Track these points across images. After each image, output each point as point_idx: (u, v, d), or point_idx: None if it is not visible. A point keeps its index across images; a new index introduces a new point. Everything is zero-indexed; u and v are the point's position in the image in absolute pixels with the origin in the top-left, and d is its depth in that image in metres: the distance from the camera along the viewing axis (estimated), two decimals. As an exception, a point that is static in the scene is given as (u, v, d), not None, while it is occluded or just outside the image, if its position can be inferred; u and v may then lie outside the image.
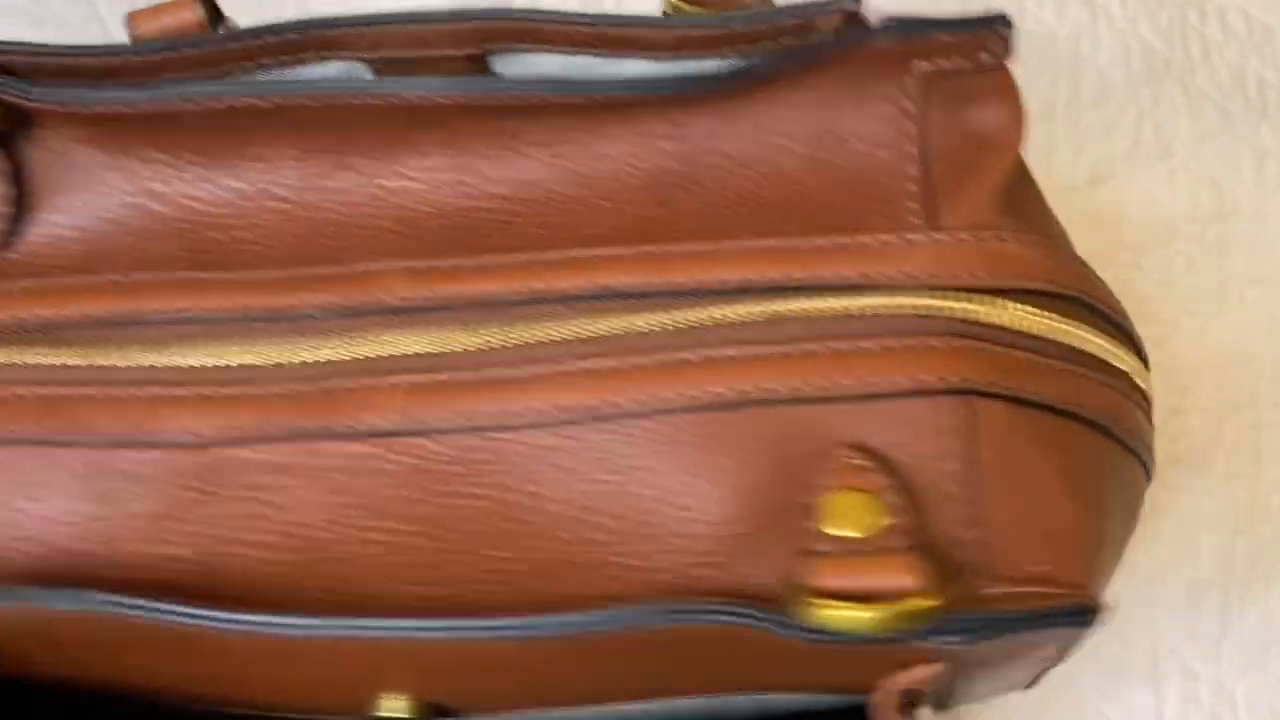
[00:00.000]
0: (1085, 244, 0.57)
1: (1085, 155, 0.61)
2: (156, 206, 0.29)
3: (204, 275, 0.28)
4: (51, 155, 0.29)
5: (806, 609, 0.24)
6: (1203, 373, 0.55)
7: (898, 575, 0.25)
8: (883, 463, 0.26)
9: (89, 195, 0.29)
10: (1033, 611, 0.25)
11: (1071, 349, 0.28)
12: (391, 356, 0.27)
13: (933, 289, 0.27)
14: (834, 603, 0.24)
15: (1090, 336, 0.28)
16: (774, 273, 0.27)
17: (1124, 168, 0.61)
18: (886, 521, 0.25)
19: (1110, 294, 0.30)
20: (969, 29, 0.27)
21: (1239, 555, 0.46)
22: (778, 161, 0.28)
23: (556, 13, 0.30)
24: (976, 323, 0.27)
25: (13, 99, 0.28)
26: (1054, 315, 0.28)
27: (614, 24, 0.29)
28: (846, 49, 0.27)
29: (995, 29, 0.27)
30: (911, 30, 0.27)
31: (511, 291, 0.28)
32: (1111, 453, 0.29)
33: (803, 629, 0.24)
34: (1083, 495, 0.27)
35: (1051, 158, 0.60)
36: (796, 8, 0.29)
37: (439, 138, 0.28)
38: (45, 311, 0.28)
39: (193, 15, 0.31)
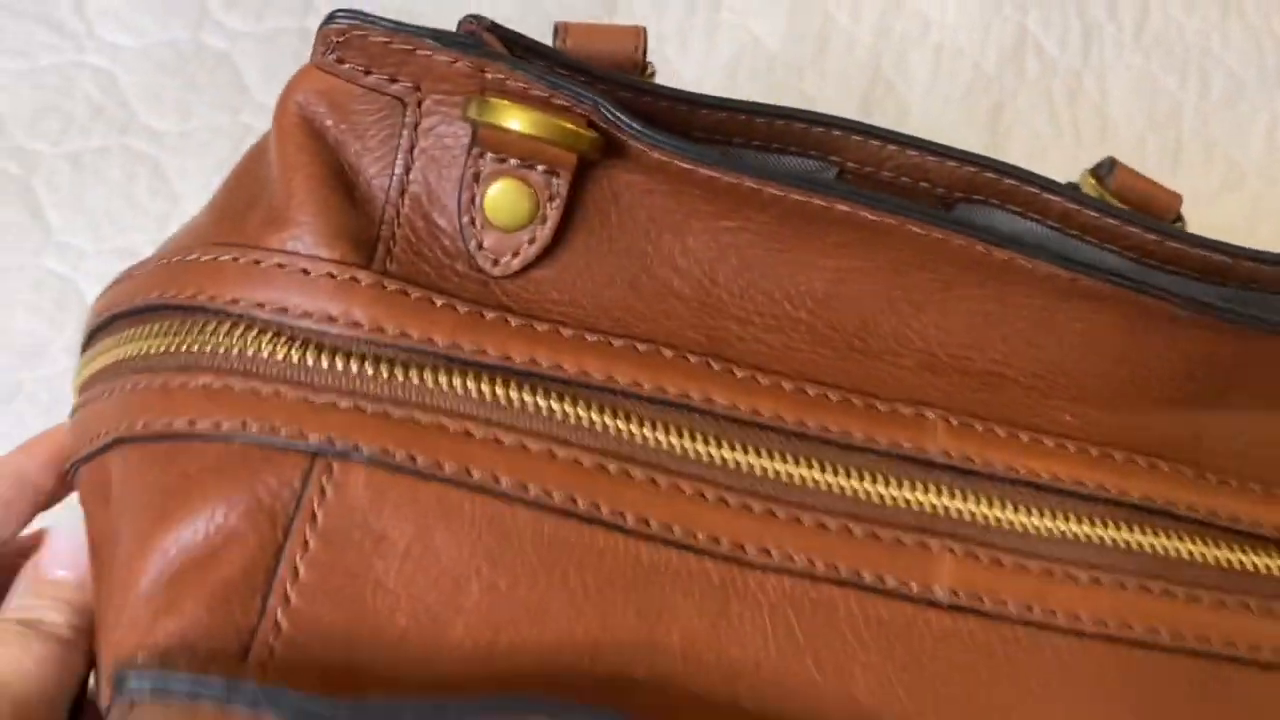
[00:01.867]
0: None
1: (1215, 159, 0.58)
2: (679, 284, 0.27)
3: (731, 367, 0.26)
4: (608, 194, 0.27)
5: None
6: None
7: None
8: None
9: (627, 249, 0.27)
10: None
11: None
12: (943, 516, 0.26)
13: None
14: None
15: None
16: None
17: (1256, 175, 0.58)
18: None
19: None
20: None
21: None
22: None
23: (1064, 188, 0.30)
24: None
25: (618, 132, 0.26)
26: None
27: (1102, 211, 0.30)
28: None
29: None
30: None
31: (1054, 477, 0.27)
32: None
33: None
34: None
35: (1179, 161, 0.57)
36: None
37: (986, 294, 0.27)
38: (569, 365, 0.26)
39: (630, 45, 0.30)
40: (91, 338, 0.28)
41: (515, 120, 0.25)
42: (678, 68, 0.55)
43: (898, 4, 0.58)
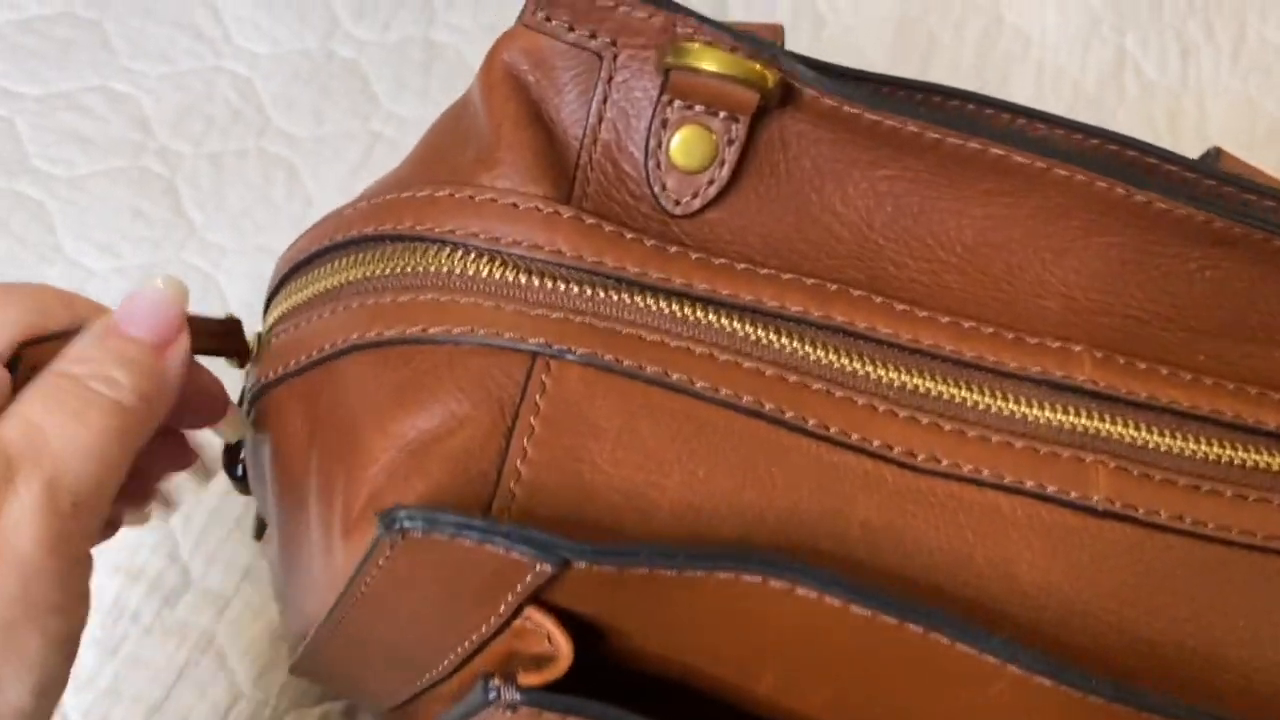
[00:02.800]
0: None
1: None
2: (839, 228, 0.29)
3: (892, 302, 0.29)
4: (778, 142, 0.29)
5: None
6: None
7: None
8: None
9: (794, 193, 0.29)
10: None
11: None
12: (1095, 436, 0.28)
13: None
14: None
15: None
16: None
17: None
18: None
19: None
20: None
21: None
22: None
23: (1184, 159, 0.32)
24: None
25: (793, 79, 0.28)
26: None
27: (1219, 179, 0.32)
28: None
29: None
30: None
31: (1194, 405, 0.29)
32: None
33: None
34: None
35: (1282, 181, 0.58)
36: None
37: (1129, 241, 0.30)
38: (744, 292, 0.28)
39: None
40: (285, 280, 0.31)
41: (707, 61, 0.28)
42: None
43: (998, 23, 0.60)
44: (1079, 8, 0.61)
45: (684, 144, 0.28)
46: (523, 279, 0.28)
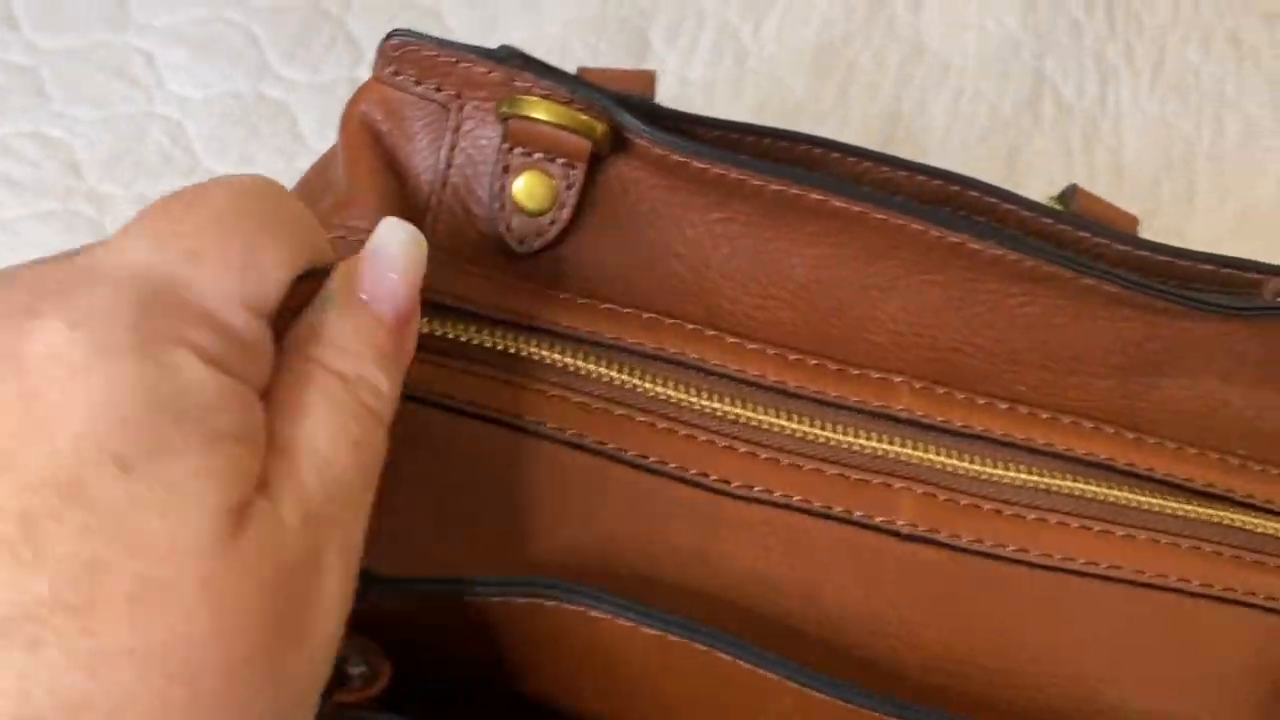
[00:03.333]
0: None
1: (1230, 201, 0.60)
2: (678, 266, 0.32)
3: (724, 335, 0.31)
4: (617, 186, 0.31)
5: None
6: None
7: None
8: None
9: (634, 234, 0.32)
10: None
11: None
12: (905, 462, 0.31)
13: None
14: None
15: None
16: (1236, 486, 0.32)
17: (1271, 217, 0.61)
18: None
19: None
20: None
21: None
22: (1219, 388, 0.33)
23: (1023, 199, 0.35)
24: None
25: (625, 130, 0.31)
26: None
27: (1054, 218, 0.35)
28: None
29: None
30: None
31: (1006, 434, 0.31)
32: None
33: None
34: None
35: (1193, 203, 0.60)
36: (1236, 261, 0.36)
37: (950, 280, 0.32)
38: (583, 326, 0.31)
39: (640, 86, 0.35)
40: None
41: (540, 111, 0.30)
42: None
43: (918, 51, 0.62)
44: (1000, 33, 0.63)
45: (526, 188, 0.30)
46: None
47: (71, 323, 0.20)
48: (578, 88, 0.30)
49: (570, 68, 0.34)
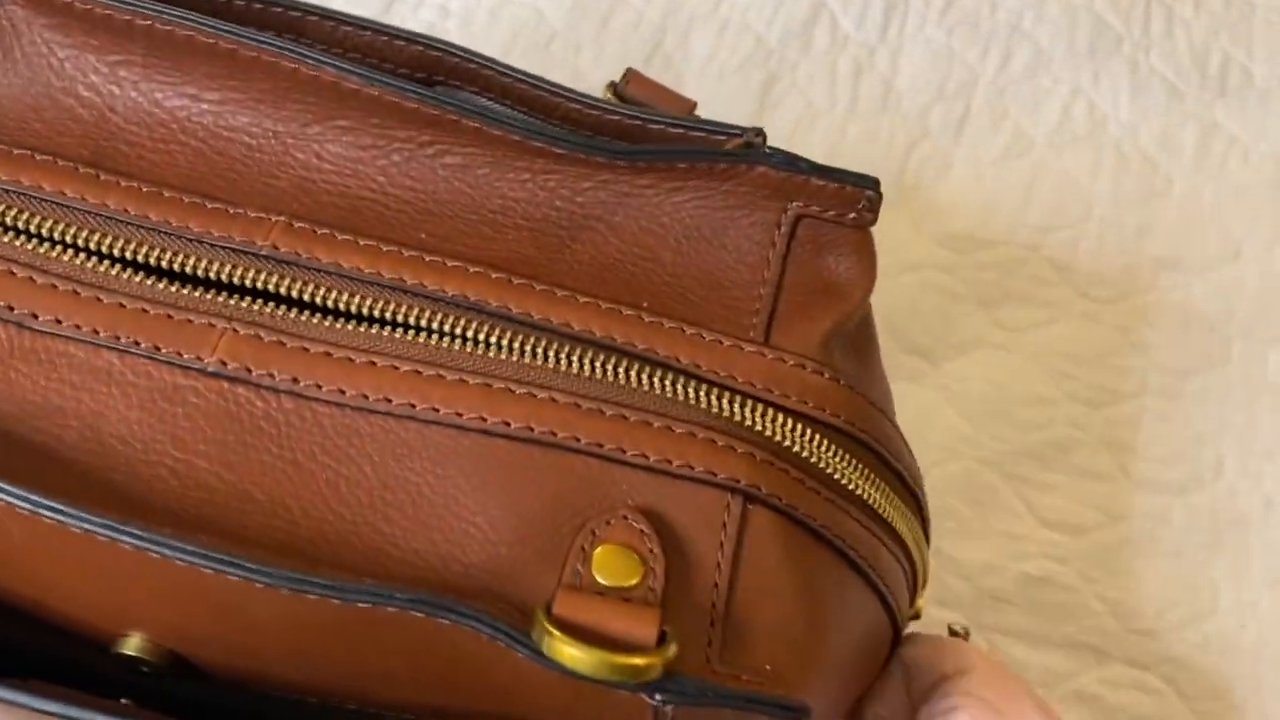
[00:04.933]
0: (987, 221, 0.57)
1: (1003, 128, 0.59)
2: (79, 108, 0.33)
3: (102, 175, 0.32)
4: (8, 28, 0.33)
5: (545, 635, 0.27)
6: (1086, 360, 0.54)
7: (632, 626, 0.28)
8: (658, 532, 0.30)
9: (23, 73, 0.33)
10: (745, 694, 0.28)
11: (851, 492, 0.33)
12: (245, 302, 0.31)
13: (748, 396, 0.32)
14: (568, 637, 0.27)
15: (873, 490, 0.33)
16: (618, 334, 0.32)
17: (1045, 144, 0.60)
18: (642, 579, 0.29)
19: (914, 465, 0.36)
20: (843, 181, 0.33)
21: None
22: (651, 245, 0.34)
23: (500, 63, 0.36)
24: (776, 439, 0.32)
25: None
26: (846, 455, 0.33)
27: (551, 91, 0.36)
28: (738, 166, 0.33)
29: (867, 193, 0.33)
30: (795, 165, 0.33)
31: (376, 273, 0.32)
32: (860, 590, 0.33)
33: (533, 650, 0.27)
34: (821, 615, 0.31)
35: (963, 130, 0.59)
36: (710, 123, 0.37)
37: (363, 127, 0.33)
38: None
39: None
40: None
41: None
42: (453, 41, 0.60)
43: (689, -17, 0.62)
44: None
45: None
46: None
47: None
48: None
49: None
